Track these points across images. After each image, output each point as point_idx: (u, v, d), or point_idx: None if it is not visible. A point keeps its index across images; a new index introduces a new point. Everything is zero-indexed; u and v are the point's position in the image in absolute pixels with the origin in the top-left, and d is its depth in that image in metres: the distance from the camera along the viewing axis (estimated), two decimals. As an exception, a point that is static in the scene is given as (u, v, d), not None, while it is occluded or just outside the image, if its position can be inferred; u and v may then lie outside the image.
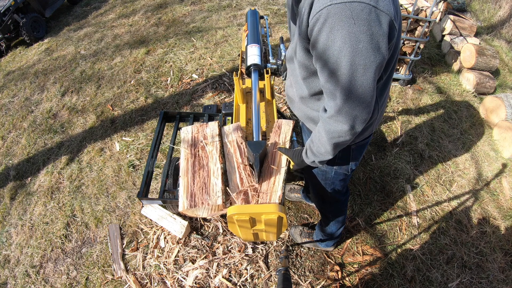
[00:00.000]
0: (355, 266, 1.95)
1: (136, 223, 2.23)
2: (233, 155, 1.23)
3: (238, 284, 1.87)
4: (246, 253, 2.00)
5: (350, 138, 0.92)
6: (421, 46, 2.91)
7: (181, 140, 1.30)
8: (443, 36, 3.75)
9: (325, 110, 0.92)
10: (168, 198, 1.68)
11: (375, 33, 0.75)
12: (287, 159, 1.20)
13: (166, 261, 2.01)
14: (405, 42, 2.92)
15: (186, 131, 1.33)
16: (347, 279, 1.90)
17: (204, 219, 2.18)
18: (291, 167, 1.21)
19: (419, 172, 2.44)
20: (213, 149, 1.23)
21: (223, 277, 1.90)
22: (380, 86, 1.01)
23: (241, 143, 1.26)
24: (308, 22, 0.83)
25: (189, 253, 2.03)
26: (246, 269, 1.94)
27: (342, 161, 1.28)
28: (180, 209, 1.10)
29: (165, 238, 2.11)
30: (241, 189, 1.13)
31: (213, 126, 1.32)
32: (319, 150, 1.02)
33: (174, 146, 1.61)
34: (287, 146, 1.26)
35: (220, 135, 1.30)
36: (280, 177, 1.17)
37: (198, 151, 1.25)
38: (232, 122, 1.64)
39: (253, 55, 1.67)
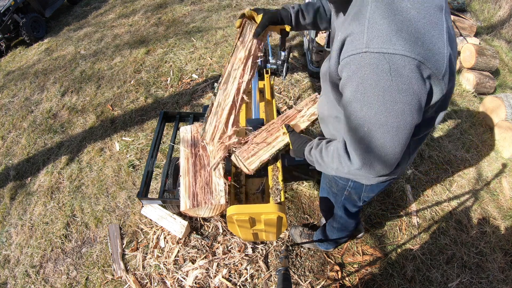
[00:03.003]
0: (355, 266, 1.95)
1: (136, 223, 2.23)
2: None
3: (238, 284, 1.87)
4: (246, 253, 2.00)
5: None
6: (421, 46, 2.91)
7: (181, 140, 1.30)
8: (443, 36, 3.74)
9: (349, 157, 0.81)
10: (168, 198, 1.68)
11: (416, 93, 0.64)
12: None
13: (166, 261, 2.01)
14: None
15: (186, 130, 1.33)
16: (347, 279, 1.90)
17: (204, 219, 2.18)
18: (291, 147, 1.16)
19: (419, 172, 2.44)
20: (213, 149, 1.23)
21: (223, 277, 1.90)
22: (415, 140, 0.92)
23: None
24: (338, 60, 0.73)
25: (189, 253, 2.03)
26: (246, 269, 1.94)
27: (354, 191, 1.22)
28: (182, 209, 1.10)
29: (165, 238, 2.11)
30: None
31: None
32: (325, 169, 0.96)
33: (174, 145, 1.61)
34: (304, 123, 1.20)
35: None
36: (276, 143, 1.14)
37: (199, 150, 1.25)
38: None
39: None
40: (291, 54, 3.05)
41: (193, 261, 1.99)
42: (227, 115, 1.10)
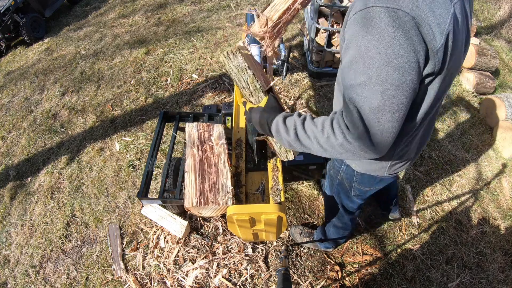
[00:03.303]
0: (355, 266, 1.95)
1: (136, 223, 2.23)
2: None
3: (238, 284, 1.87)
4: (246, 253, 2.00)
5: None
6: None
7: (186, 135, 1.30)
8: (443, 36, 3.74)
9: (347, 126, 0.74)
10: (168, 198, 1.68)
11: (416, 50, 0.66)
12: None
13: (166, 261, 2.01)
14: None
15: (192, 126, 1.34)
16: (347, 279, 1.90)
17: (204, 219, 2.18)
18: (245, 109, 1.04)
19: (419, 172, 2.44)
20: (221, 151, 1.25)
21: (223, 277, 1.90)
22: (407, 132, 0.90)
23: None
24: (346, 23, 0.76)
25: (189, 253, 2.03)
26: (246, 269, 1.94)
27: (346, 177, 1.22)
28: (187, 205, 1.10)
29: (165, 238, 2.11)
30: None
31: (220, 128, 1.35)
32: (301, 141, 0.84)
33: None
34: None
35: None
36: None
37: (206, 150, 1.25)
38: (232, 122, 1.65)
39: (253, 55, 1.67)
40: (291, 54, 3.05)
41: (193, 261, 1.99)
42: (278, 17, 1.09)
